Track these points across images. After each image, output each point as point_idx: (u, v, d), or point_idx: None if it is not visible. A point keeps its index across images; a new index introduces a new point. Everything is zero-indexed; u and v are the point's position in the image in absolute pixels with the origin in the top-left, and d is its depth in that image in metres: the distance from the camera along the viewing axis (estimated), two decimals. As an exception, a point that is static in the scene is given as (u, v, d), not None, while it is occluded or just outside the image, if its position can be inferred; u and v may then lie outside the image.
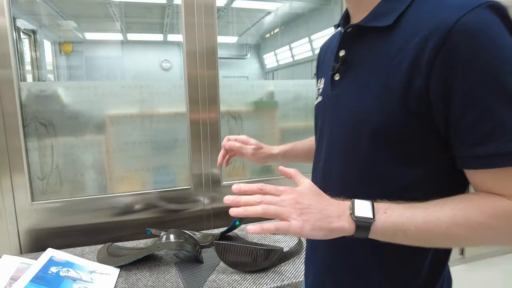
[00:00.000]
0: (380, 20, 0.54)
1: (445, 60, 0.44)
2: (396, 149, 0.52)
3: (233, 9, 4.09)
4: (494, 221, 0.44)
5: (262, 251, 1.09)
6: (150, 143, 1.49)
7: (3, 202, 1.31)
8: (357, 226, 0.46)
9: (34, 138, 1.34)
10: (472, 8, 0.43)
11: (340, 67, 0.60)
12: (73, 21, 4.07)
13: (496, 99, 0.43)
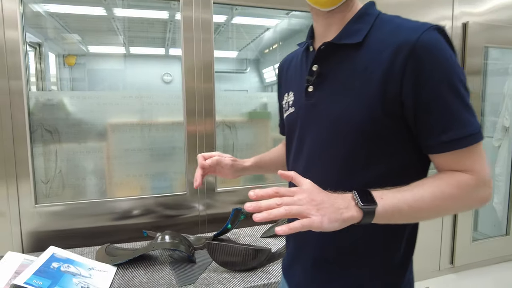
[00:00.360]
0: (351, 38, 0.64)
1: (413, 68, 0.56)
2: (373, 146, 0.62)
3: (233, 25, 4.23)
4: (458, 191, 0.57)
5: (251, 251, 1.16)
6: (148, 151, 1.58)
7: (8, 204, 1.38)
8: (364, 213, 0.53)
9: (40, 144, 1.42)
10: (425, 30, 0.57)
11: (314, 79, 0.68)
12: (77, 35, 4.21)
13: (451, 97, 0.56)
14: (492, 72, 2.50)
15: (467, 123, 0.57)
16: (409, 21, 0.62)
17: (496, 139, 2.51)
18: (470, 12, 2.12)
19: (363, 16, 0.66)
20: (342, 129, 0.63)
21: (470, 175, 0.58)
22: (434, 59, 0.56)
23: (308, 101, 0.70)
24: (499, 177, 2.52)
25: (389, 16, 0.66)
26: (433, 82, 0.56)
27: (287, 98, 0.78)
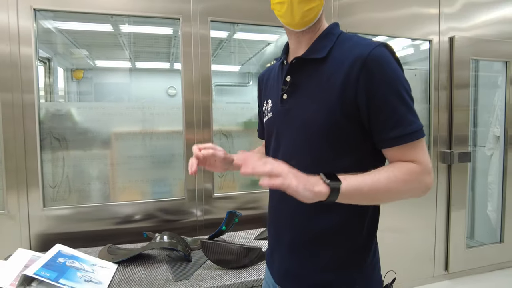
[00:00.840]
0: (317, 54, 0.76)
1: (365, 77, 0.69)
2: (336, 144, 0.73)
3: (235, 40, 4.38)
4: (408, 176, 0.68)
5: (243, 249, 1.24)
6: (150, 158, 1.68)
7: (18, 208, 1.48)
8: (331, 189, 0.62)
9: (49, 151, 1.53)
10: (375, 46, 0.69)
11: (288, 88, 0.80)
12: (85, 50, 4.39)
13: (397, 102, 0.69)
14: (483, 84, 2.59)
15: (410, 123, 0.69)
16: (364, 39, 0.74)
17: (488, 148, 2.58)
18: (456, 27, 2.23)
19: (328, 35, 0.78)
20: (310, 131, 0.75)
21: (416, 164, 0.69)
22: (382, 70, 0.68)
23: (283, 107, 0.81)
24: (491, 185, 2.58)
25: (349, 35, 0.78)
26: (382, 89, 0.68)
27: (266, 105, 0.90)
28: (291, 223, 0.81)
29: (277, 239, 0.86)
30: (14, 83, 1.46)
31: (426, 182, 0.70)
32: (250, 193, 1.82)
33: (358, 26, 2.01)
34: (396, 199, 0.71)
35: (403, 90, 0.69)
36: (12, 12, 1.44)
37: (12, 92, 1.46)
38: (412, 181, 0.69)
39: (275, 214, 0.87)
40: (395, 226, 2.17)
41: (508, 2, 2.36)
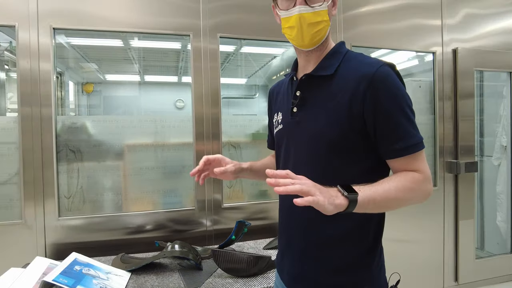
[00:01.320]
0: (325, 71, 0.82)
1: (371, 93, 0.75)
2: (344, 155, 0.78)
3: (242, 54, 4.48)
4: (413, 184, 0.74)
5: (253, 257, 1.27)
6: (161, 169, 1.73)
7: (35, 218, 1.53)
8: (350, 201, 0.66)
9: (64, 163, 1.59)
10: (380, 66, 0.76)
11: (298, 102, 0.86)
12: (95, 64, 4.52)
13: (401, 116, 0.75)
14: (489, 94, 2.61)
15: (412, 136, 0.75)
16: (368, 58, 0.80)
17: (495, 158, 2.58)
18: (459, 38, 2.27)
19: (335, 54, 0.84)
20: (319, 142, 0.80)
21: (419, 174, 0.75)
22: (386, 87, 0.75)
23: (293, 120, 0.87)
24: (500, 195, 2.57)
25: (355, 53, 0.84)
26: (387, 105, 0.74)
27: (277, 117, 0.95)
28: (301, 230, 0.85)
29: (287, 244, 0.90)
30: (33, 97, 1.53)
31: (427, 189, 0.76)
32: (258, 203, 1.86)
33: (362, 39, 2.06)
34: (402, 206, 0.76)
35: (405, 105, 0.76)
36: (33, 31, 1.53)
37: (31, 106, 1.53)
38: (416, 189, 0.75)
39: (285, 220, 0.91)
40: (404, 236, 2.17)
41: (510, 13, 2.40)
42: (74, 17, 1.59)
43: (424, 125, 2.23)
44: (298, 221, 0.86)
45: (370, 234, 0.81)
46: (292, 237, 0.88)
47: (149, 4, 1.69)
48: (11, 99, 2.63)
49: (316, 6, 0.80)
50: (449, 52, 2.24)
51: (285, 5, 0.83)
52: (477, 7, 2.31)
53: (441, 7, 2.23)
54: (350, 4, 2.03)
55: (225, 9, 1.80)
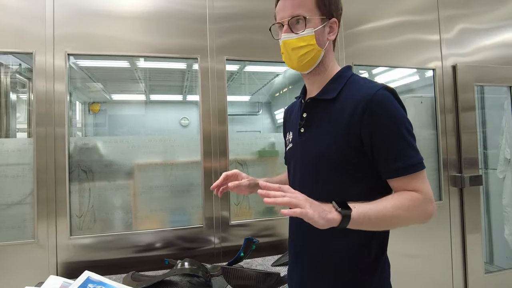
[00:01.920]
0: (328, 95, 0.89)
1: (369, 116, 0.79)
2: (345, 173, 0.83)
3: (245, 73, 4.58)
4: (412, 203, 0.76)
5: (262, 274, 1.28)
6: (170, 187, 1.76)
7: (47, 237, 1.57)
8: (343, 216, 0.70)
9: (76, 183, 1.64)
10: (378, 89, 0.81)
11: (304, 123, 0.93)
12: (102, 85, 4.64)
13: (398, 139, 0.80)
14: (490, 106, 2.65)
15: (411, 157, 0.79)
16: (370, 81, 0.86)
17: (499, 171, 2.59)
18: (458, 53, 2.32)
19: (338, 78, 0.91)
20: (321, 161, 0.86)
21: (419, 193, 0.78)
22: (383, 110, 0.79)
23: (300, 139, 0.94)
24: (506, 208, 2.57)
25: (358, 77, 0.91)
26: (383, 127, 0.79)
27: (288, 136, 1.03)
28: (307, 244, 0.89)
29: (295, 257, 0.94)
30: (47, 117, 1.59)
31: (428, 210, 0.79)
32: (265, 220, 1.88)
33: (362, 56, 2.12)
34: (401, 225, 0.79)
35: (403, 128, 0.79)
36: (49, 56, 1.60)
37: (46, 126, 1.58)
38: (415, 208, 0.77)
39: (294, 235, 0.96)
40: (411, 251, 2.17)
41: (507, 28, 2.46)
42: (86, 42, 1.66)
43: (427, 140, 2.26)
44: (303, 235, 0.91)
45: (372, 253, 0.84)
46: (299, 249, 0.93)
47: (157, 28, 1.76)
48: (18, 119, 2.71)
49: (300, 32, 0.88)
50: (448, 67, 2.29)
51: (278, 35, 0.93)
52: (473, 22, 2.38)
53: (438, 23, 2.29)
54: (350, 23, 2.10)
55: (231, 30, 1.88)
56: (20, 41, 1.58)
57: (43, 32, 1.61)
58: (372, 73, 2.54)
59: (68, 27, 1.64)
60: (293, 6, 0.87)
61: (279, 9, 0.91)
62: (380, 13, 2.18)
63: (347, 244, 0.83)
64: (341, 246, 0.84)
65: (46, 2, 1.62)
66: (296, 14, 0.87)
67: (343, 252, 0.84)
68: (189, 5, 1.83)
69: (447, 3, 2.32)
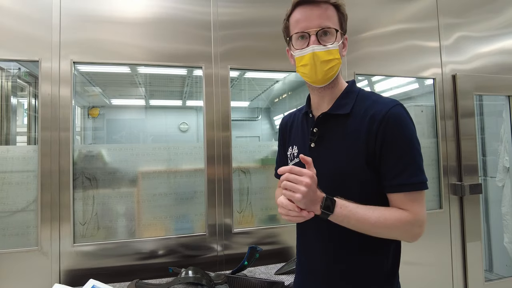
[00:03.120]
0: (341, 110, 0.90)
1: (384, 130, 0.82)
2: (361, 189, 0.85)
3: (245, 79, 4.61)
4: (397, 223, 0.79)
5: (266, 283, 1.29)
6: (173, 195, 1.77)
7: (50, 244, 1.56)
8: (322, 213, 0.77)
9: (80, 190, 1.64)
10: (393, 106, 0.83)
11: (316, 139, 0.93)
12: (101, 90, 4.64)
13: (406, 155, 0.81)
14: (489, 113, 2.68)
15: (414, 175, 0.80)
16: (381, 97, 0.88)
17: (499, 179, 2.62)
18: (456, 61, 2.35)
19: (349, 94, 0.92)
20: (337, 176, 0.87)
21: (409, 214, 0.80)
22: (397, 126, 0.82)
23: (311, 155, 0.92)
24: (506, 216, 2.59)
25: (367, 92, 0.92)
26: (395, 142, 0.81)
27: (292, 150, 1.01)
28: (319, 254, 0.90)
29: (307, 265, 0.96)
30: (53, 122, 1.59)
31: (414, 233, 0.81)
32: (268, 228, 1.88)
33: (363, 63, 2.14)
34: (383, 236, 0.82)
35: (412, 146, 0.82)
36: (55, 63, 1.61)
37: (51, 131, 1.59)
38: (399, 228, 0.80)
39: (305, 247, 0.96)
40: (412, 259, 2.18)
41: (505, 36, 2.49)
42: (92, 49, 1.67)
43: (427, 148, 2.28)
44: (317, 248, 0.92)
45: (389, 260, 0.87)
46: (312, 261, 0.94)
47: (162, 34, 1.78)
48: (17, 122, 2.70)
49: (328, 45, 0.87)
50: (448, 76, 2.32)
51: (299, 45, 0.90)
52: (472, 30, 2.41)
53: (438, 31, 2.32)
54: (351, 30, 2.12)
55: (236, 38, 1.90)
56: (25, 48, 1.59)
57: (49, 39, 1.62)
58: (372, 80, 2.57)
59: (74, 34, 1.65)
60: (321, 17, 0.86)
61: (301, 18, 0.88)
62: (381, 21, 2.21)
63: (364, 253, 0.86)
64: (358, 257, 0.86)
65: (53, 9, 1.63)
66: (326, 26, 0.86)
67: (360, 261, 0.86)
68: (194, 12, 1.85)
69: (446, 11, 2.35)
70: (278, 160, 1.18)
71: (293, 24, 0.91)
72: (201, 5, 1.86)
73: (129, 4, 1.75)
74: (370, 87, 2.66)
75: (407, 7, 2.29)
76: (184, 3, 1.84)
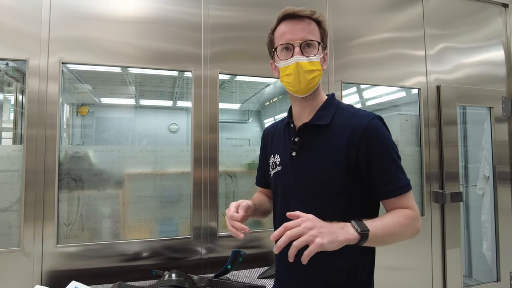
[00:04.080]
0: (321, 121, 0.94)
1: (365, 142, 0.87)
2: (343, 196, 0.89)
3: (236, 82, 4.62)
4: (407, 220, 0.85)
5: (249, 287, 1.31)
6: (159, 197, 1.78)
7: (33, 245, 1.56)
8: (362, 236, 0.75)
9: (66, 191, 1.63)
10: (372, 118, 0.88)
11: (297, 148, 0.97)
12: (91, 87, 4.60)
13: (390, 163, 0.88)
14: (472, 121, 2.75)
15: (400, 179, 0.87)
16: (359, 110, 0.94)
17: (479, 187, 2.69)
18: (440, 70, 2.42)
19: (328, 106, 0.97)
20: (317, 184, 0.90)
21: (410, 210, 0.86)
22: (377, 137, 0.87)
23: (292, 163, 0.97)
24: (485, 224, 2.66)
25: (345, 105, 0.98)
26: (378, 152, 0.87)
27: (274, 159, 1.04)
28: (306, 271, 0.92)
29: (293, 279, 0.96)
30: (40, 119, 1.59)
31: (417, 226, 0.87)
32: (252, 232, 1.90)
33: (350, 70, 2.18)
34: (396, 241, 0.85)
35: (393, 153, 0.88)
36: (43, 60, 1.61)
37: (37, 128, 1.58)
38: (410, 224, 0.85)
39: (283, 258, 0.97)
40: (393, 264, 2.23)
41: (488, 48, 2.57)
42: (81, 48, 1.67)
43: (411, 156, 2.34)
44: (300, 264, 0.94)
45: (366, 269, 0.92)
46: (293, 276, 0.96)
47: (152, 34, 1.79)
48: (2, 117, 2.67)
49: (311, 56, 0.93)
50: (433, 85, 2.39)
51: (284, 56, 0.95)
52: (455, 42, 2.49)
53: (424, 41, 2.38)
54: (339, 38, 2.16)
55: (226, 40, 1.92)
56: (13, 44, 1.58)
57: (38, 36, 1.61)
58: (361, 87, 2.62)
59: (64, 31, 1.65)
60: (305, 31, 0.92)
61: (286, 31, 0.94)
62: (368, 29, 2.26)
63: (348, 264, 0.89)
64: (342, 267, 0.89)
65: (43, 5, 1.63)
66: (309, 39, 0.92)
67: (344, 272, 0.90)
68: (185, 13, 1.86)
69: (432, 22, 2.41)
70: (260, 170, 1.22)
71: (278, 37, 0.97)
72: (192, 7, 1.88)
73: (121, 3, 1.76)
74: (358, 95, 2.71)
75: (394, 16, 2.35)
76: (175, 4, 1.85)
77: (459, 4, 2.51)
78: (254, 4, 1.99)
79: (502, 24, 2.63)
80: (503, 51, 2.61)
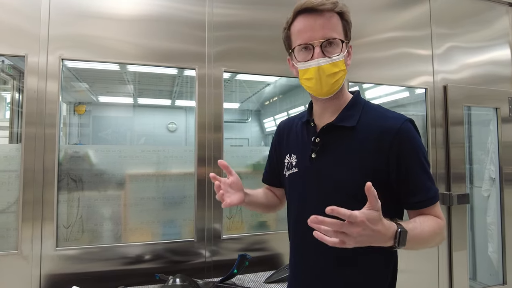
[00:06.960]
0: (347, 122, 0.87)
1: (397, 147, 0.81)
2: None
3: (236, 81, 4.58)
4: (439, 229, 0.82)
5: (256, 293, 1.26)
6: (162, 199, 1.72)
7: (31, 248, 1.50)
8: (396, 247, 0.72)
9: (65, 191, 1.58)
10: (404, 121, 0.83)
11: (317, 149, 0.89)
12: (89, 85, 4.53)
13: (421, 170, 0.82)
14: (479, 122, 2.72)
15: (429, 190, 0.82)
16: (388, 111, 0.87)
17: (484, 189, 2.65)
18: (447, 70, 2.38)
19: (354, 105, 0.89)
20: (341, 189, 0.84)
21: (439, 219, 0.83)
22: (410, 142, 0.82)
23: (312, 165, 0.89)
24: (491, 226, 2.63)
25: (372, 105, 0.91)
26: (409, 158, 0.82)
27: (290, 159, 0.97)
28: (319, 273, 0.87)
29: None
30: (39, 117, 1.53)
31: (444, 235, 0.85)
32: (257, 234, 1.85)
33: (357, 73, 2.14)
34: (424, 247, 0.83)
35: (424, 160, 0.83)
36: (42, 57, 1.55)
37: (36, 126, 1.52)
38: (440, 233, 0.82)
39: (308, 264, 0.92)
40: (399, 266, 2.18)
41: (495, 47, 2.54)
42: (81, 45, 1.61)
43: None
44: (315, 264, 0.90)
45: (389, 277, 0.89)
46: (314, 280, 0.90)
47: (155, 32, 1.73)
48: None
49: (333, 56, 0.83)
50: (439, 85, 2.35)
51: (302, 57, 0.85)
52: (462, 41, 2.44)
53: (431, 40, 2.34)
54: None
55: (230, 39, 1.87)
56: (12, 41, 1.52)
57: (37, 33, 1.55)
58: (363, 87, 2.58)
59: (64, 28, 1.59)
60: (325, 27, 0.81)
61: (303, 28, 0.83)
62: (374, 28, 2.21)
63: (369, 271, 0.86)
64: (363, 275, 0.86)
65: (42, 3, 1.57)
66: (330, 37, 0.82)
67: (365, 279, 0.86)
68: (189, 11, 1.81)
69: (439, 21, 2.37)
70: (269, 166, 1.12)
71: (295, 34, 0.86)
72: (197, 5, 1.82)
73: (122, 0, 1.70)
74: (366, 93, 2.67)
75: (401, 15, 2.30)
76: (179, 2, 1.80)
77: (466, 3, 2.48)
78: (259, 2, 1.93)
79: (509, 24, 2.59)
80: (510, 50, 2.58)
